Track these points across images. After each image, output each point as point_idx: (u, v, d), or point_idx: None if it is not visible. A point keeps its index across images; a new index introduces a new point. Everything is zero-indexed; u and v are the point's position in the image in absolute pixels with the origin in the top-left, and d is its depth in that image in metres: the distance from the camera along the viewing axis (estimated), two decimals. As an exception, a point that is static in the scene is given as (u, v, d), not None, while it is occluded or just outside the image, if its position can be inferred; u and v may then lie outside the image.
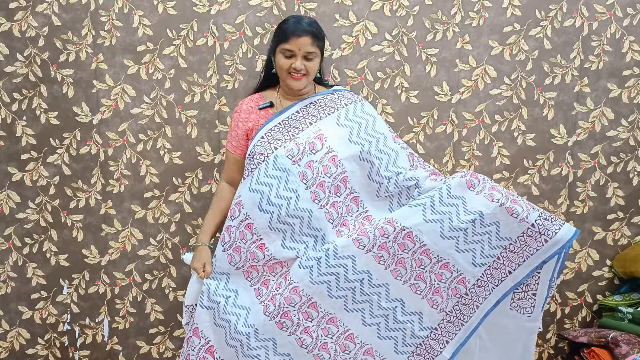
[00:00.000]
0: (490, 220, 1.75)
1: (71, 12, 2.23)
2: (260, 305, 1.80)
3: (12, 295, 2.38)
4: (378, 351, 1.81)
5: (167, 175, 2.36)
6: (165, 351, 2.47)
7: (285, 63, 1.87)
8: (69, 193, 2.34)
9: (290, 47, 1.85)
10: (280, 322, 1.77)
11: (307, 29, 1.85)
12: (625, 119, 2.44)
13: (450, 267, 1.78)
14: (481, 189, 1.78)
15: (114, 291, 2.42)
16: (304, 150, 1.83)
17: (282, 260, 1.83)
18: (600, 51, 2.38)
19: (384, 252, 1.75)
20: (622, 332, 2.22)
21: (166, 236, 2.40)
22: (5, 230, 2.34)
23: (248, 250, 1.83)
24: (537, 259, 1.78)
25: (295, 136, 1.87)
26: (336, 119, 1.91)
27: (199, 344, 1.85)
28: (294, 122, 1.90)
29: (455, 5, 2.32)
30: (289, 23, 1.88)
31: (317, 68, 1.92)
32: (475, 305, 1.80)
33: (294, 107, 1.94)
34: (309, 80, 1.94)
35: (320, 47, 1.90)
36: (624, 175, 2.47)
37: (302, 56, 1.85)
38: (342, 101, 1.97)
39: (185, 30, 2.28)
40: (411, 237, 1.75)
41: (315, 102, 1.95)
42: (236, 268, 1.85)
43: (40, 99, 2.28)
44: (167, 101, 2.32)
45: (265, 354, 1.78)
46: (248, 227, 1.83)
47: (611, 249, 2.51)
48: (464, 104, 2.39)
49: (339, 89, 2.04)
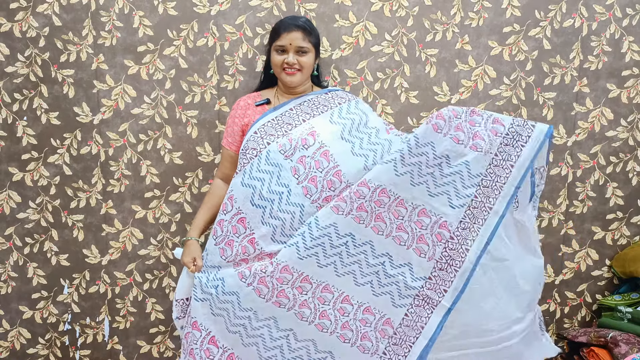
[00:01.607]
0: (456, 162, 1.77)
1: (72, 13, 2.24)
2: (248, 287, 1.80)
3: (13, 295, 2.39)
4: (376, 308, 1.82)
5: (167, 175, 2.36)
6: (165, 351, 2.47)
7: (279, 59, 1.94)
8: (70, 193, 2.35)
9: (281, 42, 1.92)
10: (277, 301, 1.79)
11: (297, 23, 1.93)
12: (624, 119, 2.44)
13: (428, 213, 1.78)
14: (447, 131, 1.77)
15: (114, 291, 2.42)
16: (296, 146, 1.86)
17: (272, 253, 1.84)
18: (600, 51, 2.39)
19: (362, 212, 1.77)
20: (621, 332, 2.22)
21: (166, 236, 2.40)
22: (6, 230, 2.35)
23: (240, 244, 1.85)
24: (510, 187, 1.77)
25: (288, 132, 1.90)
26: (329, 117, 1.95)
27: (200, 336, 1.86)
28: (288, 118, 1.93)
29: (454, 5, 2.33)
30: (282, 21, 1.97)
31: (311, 63, 1.97)
32: (464, 249, 1.78)
33: (289, 105, 1.98)
34: (304, 76, 1.98)
35: (313, 43, 1.95)
36: (623, 175, 2.47)
37: (294, 51, 1.92)
38: (336, 100, 2.01)
39: (186, 30, 2.28)
40: (385, 192, 1.77)
41: (310, 101, 1.99)
42: (227, 262, 1.87)
43: (41, 99, 2.28)
44: (167, 101, 2.32)
45: (269, 332, 1.81)
46: (241, 222, 1.85)
47: (610, 248, 2.51)
48: (463, 104, 2.39)
49: (333, 88, 2.08)
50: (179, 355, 2.48)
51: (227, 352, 1.85)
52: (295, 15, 2.04)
